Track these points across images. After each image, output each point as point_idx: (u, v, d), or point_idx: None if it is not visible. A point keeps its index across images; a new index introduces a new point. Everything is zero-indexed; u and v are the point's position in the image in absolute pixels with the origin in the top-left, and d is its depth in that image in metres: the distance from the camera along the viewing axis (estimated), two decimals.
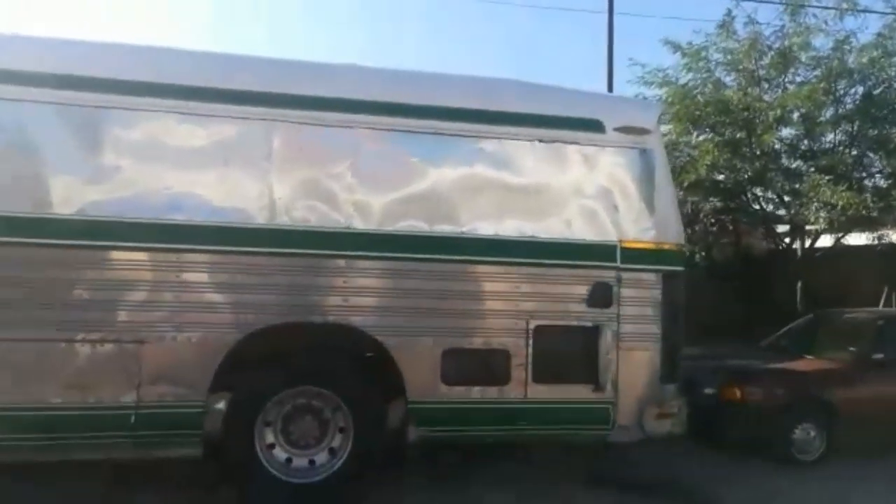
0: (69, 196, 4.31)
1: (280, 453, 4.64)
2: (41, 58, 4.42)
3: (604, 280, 4.98)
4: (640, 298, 5.04)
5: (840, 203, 7.74)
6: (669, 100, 9.30)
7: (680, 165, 8.74)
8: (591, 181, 5.05)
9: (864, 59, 8.77)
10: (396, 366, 4.64)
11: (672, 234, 5.22)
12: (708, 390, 6.20)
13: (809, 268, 11.64)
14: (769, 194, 9.44)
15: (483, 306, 4.83)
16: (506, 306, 4.84)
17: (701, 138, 9.07)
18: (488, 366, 4.80)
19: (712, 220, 8.46)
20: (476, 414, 4.78)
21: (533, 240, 4.91)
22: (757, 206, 9.54)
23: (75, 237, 4.27)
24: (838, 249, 11.93)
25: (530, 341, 4.83)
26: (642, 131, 5.15)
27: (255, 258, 4.50)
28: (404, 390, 4.65)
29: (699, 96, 8.93)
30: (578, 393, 4.91)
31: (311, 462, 4.67)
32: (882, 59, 8.76)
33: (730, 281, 11.22)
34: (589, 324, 4.94)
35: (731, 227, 8.73)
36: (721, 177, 8.88)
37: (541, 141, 4.97)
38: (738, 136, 8.84)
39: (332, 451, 4.69)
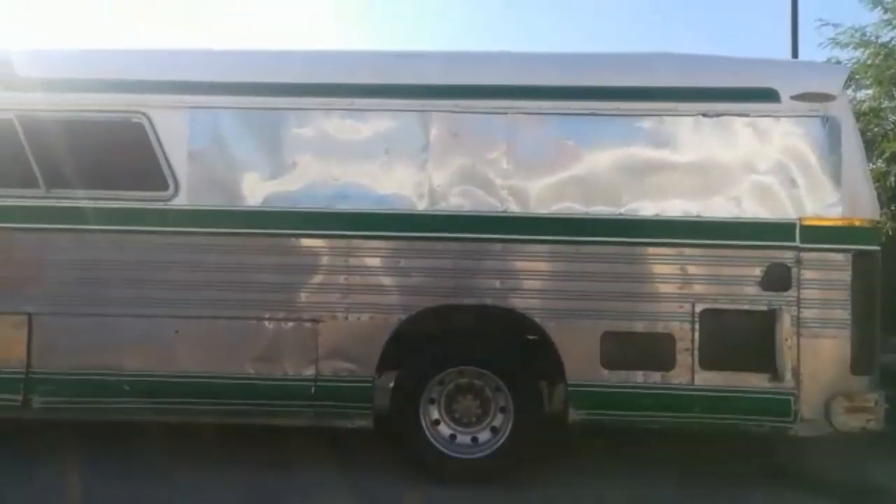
0: (255, 190, 4.82)
1: (445, 429, 4.84)
2: (229, 69, 4.98)
3: (780, 261, 4.59)
4: (826, 281, 4.58)
5: None
6: (869, 62, 8.27)
7: (882, 134, 7.73)
8: (764, 155, 4.66)
9: None
10: (555, 348, 4.65)
11: (864, 209, 4.67)
12: None
13: None
14: None
15: (644, 289, 4.66)
16: (668, 289, 4.64)
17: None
18: (651, 350, 4.63)
19: None
20: (638, 399, 4.63)
21: (697, 219, 4.65)
22: None
23: (263, 226, 4.78)
24: None
25: (696, 325, 4.60)
26: (825, 97, 4.66)
27: (417, 243, 4.74)
28: (564, 373, 4.65)
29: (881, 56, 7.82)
30: (753, 381, 4.58)
31: (475, 439, 4.81)
32: None
33: None
34: (764, 308, 4.58)
35: None
36: None
37: (705, 115, 4.69)
38: None
39: (494, 430, 4.80)
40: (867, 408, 4.55)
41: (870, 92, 8.17)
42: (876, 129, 7.93)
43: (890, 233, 7.54)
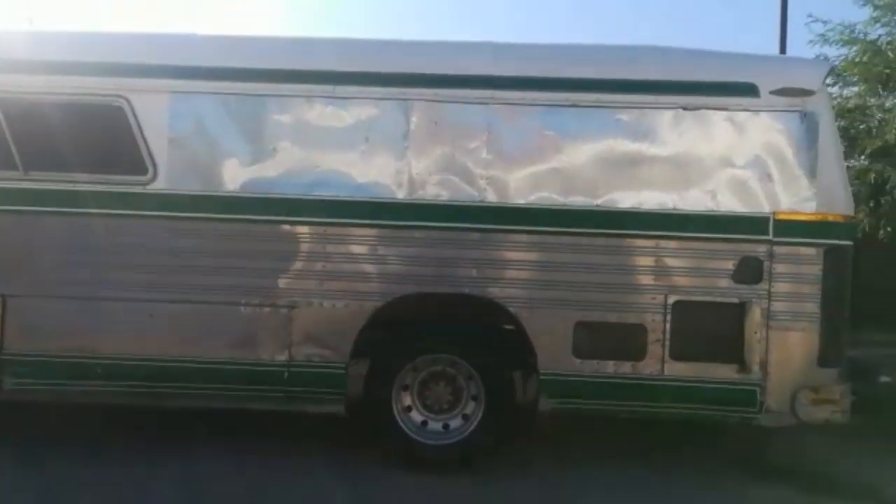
0: (234, 176, 4.82)
1: (416, 416, 4.88)
2: (210, 54, 4.97)
3: (753, 254, 4.63)
4: (797, 274, 4.62)
5: None
6: (857, 59, 8.28)
7: (866, 131, 7.75)
8: (742, 149, 4.69)
9: None
10: (528, 337, 4.69)
11: (838, 204, 4.71)
12: (885, 378, 5.56)
13: None
14: None
15: (617, 280, 4.69)
16: (642, 280, 4.69)
17: (892, 100, 7.94)
18: (623, 340, 4.68)
19: None
20: (609, 388, 4.69)
21: (673, 212, 4.69)
22: None
23: (240, 212, 4.79)
24: None
25: (668, 317, 4.64)
26: (804, 93, 4.68)
27: (395, 231, 4.76)
28: (536, 361, 4.70)
29: (890, 52, 7.81)
30: (721, 372, 4.63)
31: (446, 426, 4.86)
32: None
33: None
34: (735, 300, 4.63)
35: None
36: None
37: (685, 109, 4.71)
38: None
39: (465, 418, 4.85)
40: (832, 399, 4.61)
41: (856, 89, 8.19)
42: (861, 127, 7.95)
43: (867, 229, 7.59)
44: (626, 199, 4.71)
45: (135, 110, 4.81)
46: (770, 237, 4.62)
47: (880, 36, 8.20)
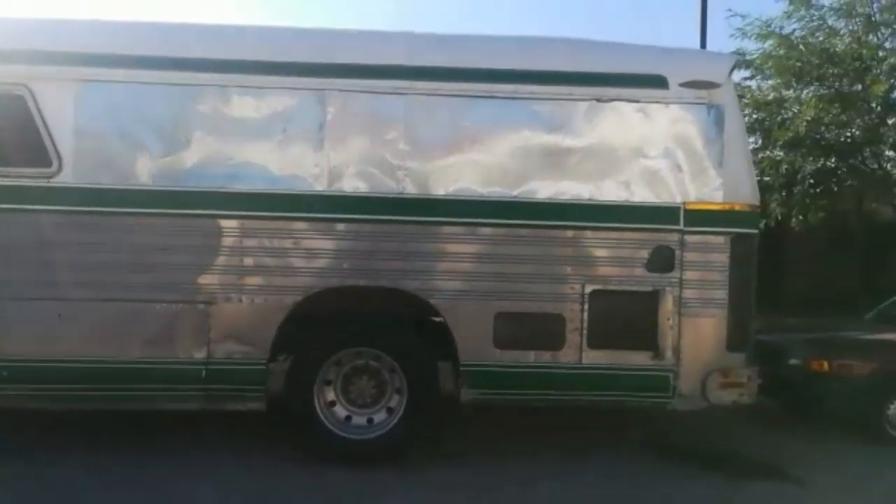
0: (145, 168, 4.66)
1: (340, 411, 4.85)
2: (118, 41, 4.78)
3: (665, 243, 4.78)
4: (706, 262, 4.80)
5: None
6: (773, 52, 8.59)
7: (780, 123, 8.08)
8: (653, 140, 4.82)
9: None
10: (449, 329, 4.72)
11: (744, 194, 4.90)
12: (794, 361, 5.82)
13: None
14: (890, 153, 8.50)
15: (536, 270, 4.76)
16: (560, 270, 4.77)
17: (805, 93, 8.28)
18: (542, 330, 4.76)
19: (811, 182, 7.74)
20: (529, 378, 4.77)
21: (588, 202, 4.78)
22: (875, 166, 8.63)
23: (153, 206, 4.64)
24: None
25: (586, 306, 4.74)
26: (711, 85, 4.84)
27: (313, 224, 4.70)
28: (457, 353, 4.73)
29: (802, 46, 8.15)
30: (637, 359, 4.78)
31: (370, 420, 4.85)
32: None
33: (844, 249, 10.36)
34: (649, 289, 4.77)
35: (835, 189, 7.95)
36: (828, 134, 8.05)
37: (598, 100, 4.80)
38: (853, 88, 7.98)
39: (390, 411, 4.84)
40: (740, 383, 4.82)
41: (771, 82, 8.51)
42: (778, 119, 8.26)
43: (780, 217, 7.92)
44: (544, 190, 4.78)
45: (37, 99, 4.59)
46: (681, 227, 4.77)
47: (794, 30, 8.55)
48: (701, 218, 4.79)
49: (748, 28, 8.77)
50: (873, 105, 7.73)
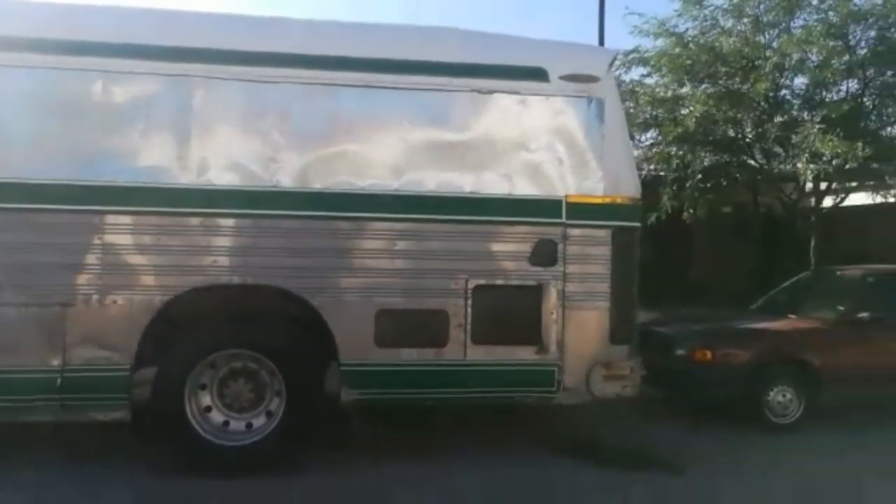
0: None
1: (217, 416, 4.59)
2: None
3: (548, 237, 4.74)
4: (588, 256, 4.79)
5: (826, 151, 7.16)
6: (669, 50, 8.79)
7: (671, 119, 8.29)
8: (534, 133, 4.78)
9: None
10: (328, 327, 4.53)
11: (625, 187, 4.92)
12: (680, 351, 5.94)
13: (830, 227, 11.07)
14: (776, 148, 8.82)
15: (418, 265, 4.64)
16: (442, 265, 4.65)
17: (697, 90, 8.51)
18: (425, 327, 4.63)
19: (700, 177, 7.97)
20: (412, 376, 4.63)
21: (470, 196, 4.69)
22: (763, 161, 8.95)
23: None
24: (863, 208, 11.37)
25: (469, 301, 4.65)
26: (591, 79, 4.84)
27: (180, 219, 4.42)
28: (337, 352, 4.55)
29: (692, 45, 8.38)
30: (521, 354, 4.72)
31: (249, 425, 4.61)
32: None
33: (745, 241, 10.78)
34: (532, 283, 4.72)
35: (724, 184, 8.22)
36: (718, 130, 8.30)
37: (479, 92, 4.72)
38: (741, 87, 8.25)
39: (270, 415, 4.61)
40: (623, 375, 4.83)
41: (666, 80, 8.71)
42: (671, 116, 8.46)
43: (670, 211, 8.11)
44: (425, 183, 4.66)
45: None
46: (563, 220, 4.75)
47: (688, 29, 8.78)
48: (583, 211, 4.78)
49: (645, 26, 8.96)
50: (760, 103, 8.02)
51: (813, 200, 10.32)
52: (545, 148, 4.78)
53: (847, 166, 7.88)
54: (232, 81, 4.48)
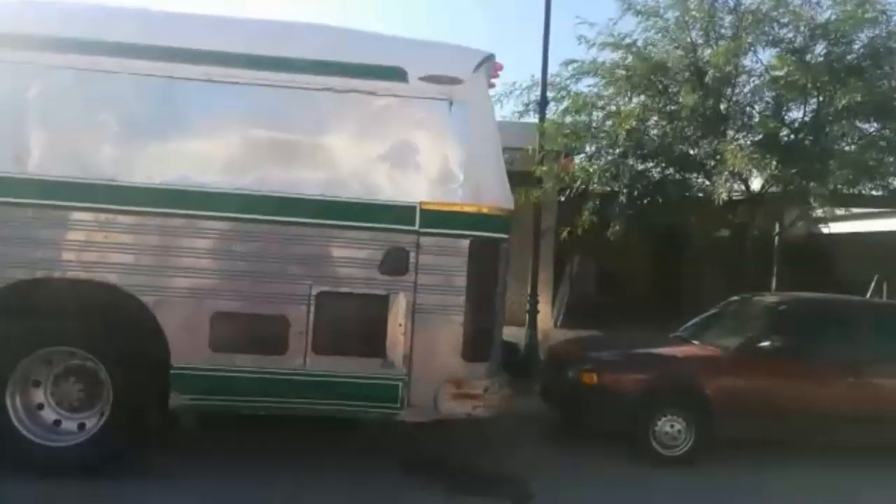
0: None
1: (49, 414, 4.45)
2: None
3: (399, 245, 4.50)
4: (443, 267, 4.53)
5: (734, 166, 6.70)
6: (621, 61, 8.45)
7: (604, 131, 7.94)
8: (390, 136, 4.57)
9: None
10: (161, 328, 4.35)
11: (489, 195, 4.65)
12: (571, 374, 5.63)
13: (796, 252, 10.61)
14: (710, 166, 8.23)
15: (258, 268, 4.42)
16: (284, 269, 4.44)
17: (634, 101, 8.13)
18: (264, 333, 4.42)
19: (636, 191, 7.57)
20: (246, 383, 4.39)
21: (317, 198, 4.47)
22: (702, 179, 8.38)
23: None
24: (843, 236, 10.91)
25: (312, 308, 4.43)
26: (453, 81, 4.61)
27: (10, 209, 4.28)
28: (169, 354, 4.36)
29: (630, 56, 8.04)
30: (365, 367, 4.47)
31: (82, 426, 4.45)
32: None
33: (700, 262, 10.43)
34: (381, 292, 4.48)
35: (660, 200, 7.79)
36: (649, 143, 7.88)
37: (333, 90, 4.52)
38: (692, 98, 7.81)
39: (104, 415, 4.45)
40: (474, 395, 4.55)
41: (611, 90, 8.38)
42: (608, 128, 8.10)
43: (586, 227, 7.78)
44: (271, 183, 4.45)
45: None
46: (416, 228, 4.50)
47: (636, 41, 8.43)
48: (438, 219, 4.53)
49: (598, 38, 8.56)
50: (698, 118, 7.62)
51: (777, 225, 9.91)
52: (401, 152, 4.56)
53: (770, 189, 7.48)
54: (67, 70, 4.34)
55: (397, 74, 4.56)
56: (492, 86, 5.85)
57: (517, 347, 7.21)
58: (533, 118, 8.56)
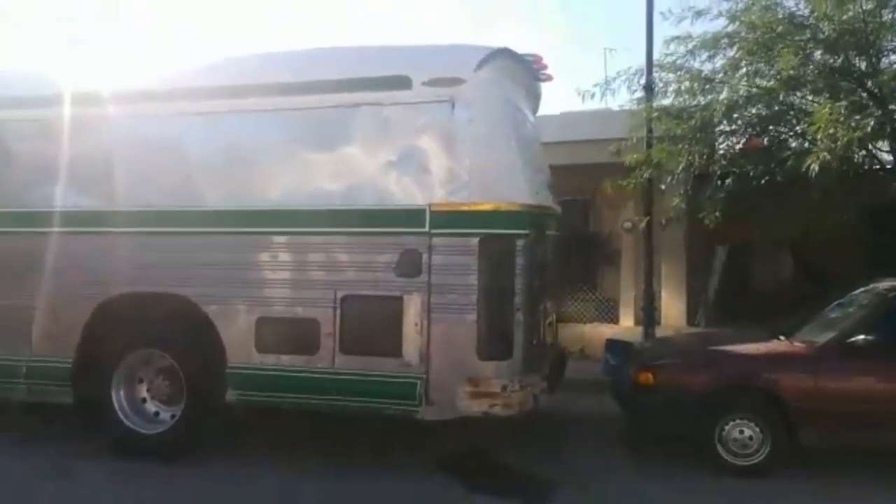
0: None
1: (151, 407, 5.34)
2: None
3: (412, 247, 4.67)
4: (454, 266, 4.61)
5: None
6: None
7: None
8: (399, 143, 4.77)
9: None
10: (217, 332, 5.00)
11: (498, 192, 4.64)
12: (629, 373, 5.28)
13: None
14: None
15: (291, 276, 4.93)
16: (312, 276, 4.88)
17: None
18: (298, 335, 4.88)
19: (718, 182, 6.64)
20: (285, 381, 4.87)
21: (339, 208, 4.84)
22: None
23: None
24: None
25: (338, 311, 4.78)
26: (455, 81, 4.69)
27: (109, 238, 5.24)
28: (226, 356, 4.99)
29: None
30: (385, 366, 4.71)
31: (174, 416, 5.26)
32: None
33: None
34: (397, 294, 4.69)
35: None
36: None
37: (343, 107, 4.85)
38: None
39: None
40: (492, 393, 4.54)
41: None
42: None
43: (672, 216, 7.00)
44: (297, 198, 4.91)
45: None
46: (427, 229, 4.64)
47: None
48: (447, 220, 4.62)
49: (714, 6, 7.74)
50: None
51: None
52: (409, 157, 4.74)
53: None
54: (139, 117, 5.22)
55: (402, 82, 4.76)
56: (545, 79, 5.81)
57: (630, 346, 6.88)
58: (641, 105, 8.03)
